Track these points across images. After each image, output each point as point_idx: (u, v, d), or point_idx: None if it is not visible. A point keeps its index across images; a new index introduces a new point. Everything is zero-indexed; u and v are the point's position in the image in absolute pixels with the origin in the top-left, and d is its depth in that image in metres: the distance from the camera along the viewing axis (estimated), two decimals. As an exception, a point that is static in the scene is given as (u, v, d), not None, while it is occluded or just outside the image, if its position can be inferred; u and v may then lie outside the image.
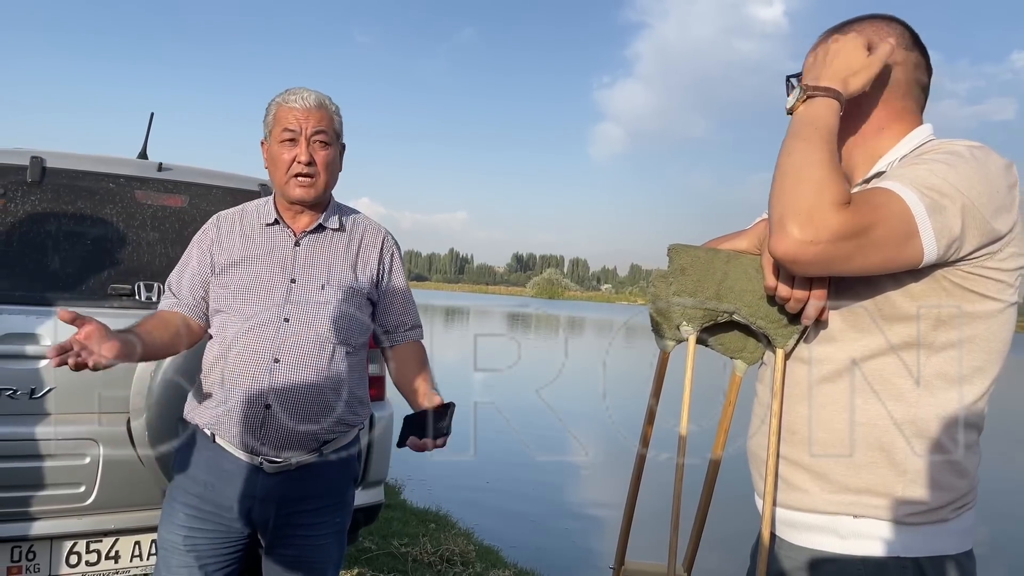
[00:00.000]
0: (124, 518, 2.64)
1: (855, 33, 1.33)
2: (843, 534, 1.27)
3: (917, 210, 1.15)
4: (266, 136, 2.07)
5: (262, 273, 2.03)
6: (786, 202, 1.16)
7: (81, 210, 2.82)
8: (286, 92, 2.07)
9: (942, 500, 1.24)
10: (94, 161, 2.92)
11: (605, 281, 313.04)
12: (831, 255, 1.14)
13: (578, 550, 5.55)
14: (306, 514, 2.06)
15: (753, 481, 1.42)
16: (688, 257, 1.39)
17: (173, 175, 3.06)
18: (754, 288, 1.34)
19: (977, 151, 1.22)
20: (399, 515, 5.14)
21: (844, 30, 1.37)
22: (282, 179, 2.02)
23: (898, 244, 1.15)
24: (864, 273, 1.20)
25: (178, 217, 2.99)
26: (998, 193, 1.19)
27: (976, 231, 1.18)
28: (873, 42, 1.31)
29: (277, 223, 2.08)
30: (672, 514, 1.40)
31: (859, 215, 1.14)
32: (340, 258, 2.09)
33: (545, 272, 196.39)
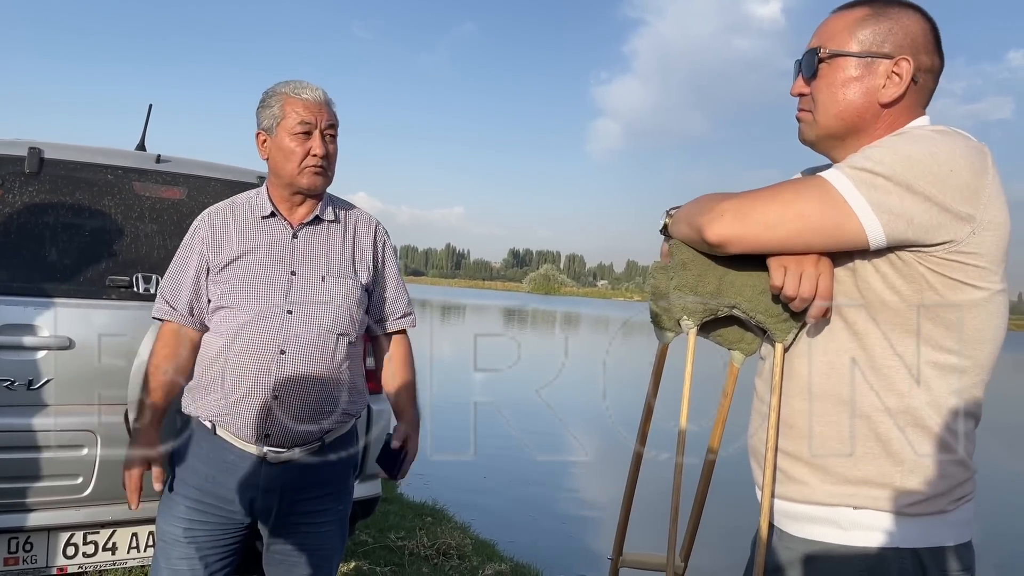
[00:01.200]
0: (121, 510, 2.63)
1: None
2: (843, 525, 1.28)
3: (846, 190, 1.20)
4: (270, 127, 2.03)
5: (262, 267, 2.02)
6: (731, 200, 1.29)
7: (79, 201, 2.81)
8: (289, 84, 2.05)
9: (940, 489, 1.24)
10: (92, 152, 2.91)
11: (601, 277, 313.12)
12: (760, 240, 1.25)
13: (574, 544, 5.57)
14: (309, 502, 2.08)
15: (753, 474, 1.43)
16: (689, 252, 1.39)
17: (171, 167, 3.05)
18: (754, 283, 1.34)
19: (935, 134, 1.23)
20: (396, 508, 5.15)
21: (877, 14, 1.32)
22: (294, 170, 2.01)
23: (835, 225, 1.21)
24: (807, 250, 1.25)
25: (176, 209, 2.99)
26: (952, 174, 1.17)
27: (930, 212, 1.17)
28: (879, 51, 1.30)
29: (274, 215, 2.07)
30: (671, 505, 1.41)
31: (787, 204, 1.24)
32: (338, 249, 2.10)
33: (542, 268, 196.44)
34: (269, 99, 2.05)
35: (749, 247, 1.27)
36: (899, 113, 1.32)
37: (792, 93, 1.42)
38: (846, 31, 1.33)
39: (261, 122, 2.06)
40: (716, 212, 1.28)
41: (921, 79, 1.31)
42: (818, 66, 1.35)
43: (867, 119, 1.32)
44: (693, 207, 1.37)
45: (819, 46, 1.35)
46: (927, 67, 1.32)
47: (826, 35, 1.36)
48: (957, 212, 1.18)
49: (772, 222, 1.24)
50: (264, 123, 2.05)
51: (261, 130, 2.06)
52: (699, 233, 1.31)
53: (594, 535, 5.80)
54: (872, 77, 1.30)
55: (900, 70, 1.29)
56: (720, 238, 1.27)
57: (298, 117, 1.99)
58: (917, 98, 1.33)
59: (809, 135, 1.39)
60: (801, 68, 1.39)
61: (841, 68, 1.32)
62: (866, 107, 1.31)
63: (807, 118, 1.39)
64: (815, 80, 1.36)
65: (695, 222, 1.33)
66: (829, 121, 1.35)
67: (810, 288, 1.25)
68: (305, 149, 2.00)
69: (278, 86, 2.06)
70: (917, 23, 1.31)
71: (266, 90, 2.08)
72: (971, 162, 1.19)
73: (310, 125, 2.00)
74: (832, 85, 1.33)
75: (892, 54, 1.29)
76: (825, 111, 1.35)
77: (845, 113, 1.33)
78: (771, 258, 1.29)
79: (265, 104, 2.05)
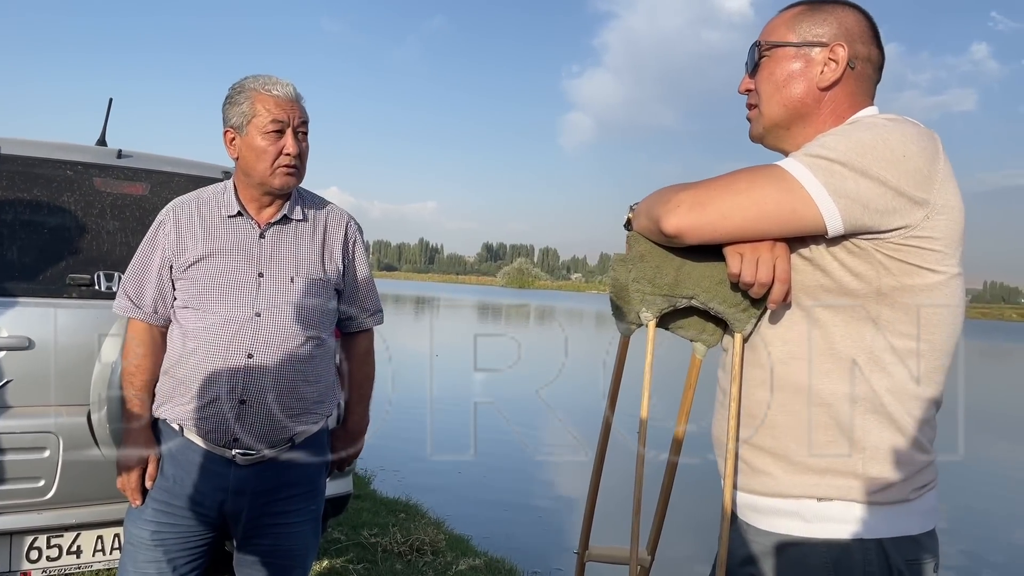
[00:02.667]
0: (86, 512, 2.59)
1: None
2: (807, 518, 1.28)
3: (803, 176, 1.22)
4: (239, 125, 1.96)
5: (229, 268, 1.98)
6: (686, 190, 1.29)
7: (38, 198, 2.75)
8: (258, 80, 1.98)
9: (902, 475, 1.26)
10: (51, 148, 2.85)
11: (575, 270, 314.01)
12: (716, 229, 1.26)
13: (549, 537, 5.58)
14: (280, 502, 2.05)
15: (718, 466, 1.43)
16: (647, 244, 1.39)
17: (133, 162, 3.00)
18: (712, 273, 1.34)
19: (887, 121, 1.26)
20: (368, 505, 5.12)
21: (813, 9, 1.38)
22: (266, 170, 1.96)
23: (792, 212, 1.22)
24: (763, 238, 1.27)
25: (139, 205, 2.94)
26: (906, 159, 1.20)
27: (885, 196, 1.19)
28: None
29: (240, 215, 2.03)
30: (634, 498, 1.41)
31: (742, 193, 1.25)
32: (306, 249, 2.06)
33: (515, 261, 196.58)
34: (237, 95, 1.97)
35: (706, 237, 1.28)
36: (841, 99, 1.35)
37: (739, 90, 1.47)
38: (784, 26, 1.40)
39: (229, 119, 1.98)
40: (672, 203, 1.29)
41: (859, 66, 1.35)
42: (760, 60, 1.41)
43: (809, 104, 1.36)
44: (651, 199, 1.38)
45: (760, 41, 1.41)
46: (864, 56, 1.36)
47: (767, 32, 1.42)
48: (911, 196, 1.20)
49: (728, 211, 1.25)
50: (233, 120, 1.98)
51: (229, 128, 1.99)
52: (656, 224, 1.32)
53: (571, 528, 5.81)
54: (810, 64, 1.36)
55: (836, 56, 1.34)
56: (676, 229, 1.28)
57: (270, 115, 1.94)
58: (858, 86, 1.36)
59: (757, 129, 1.44)
60: (746, 67, 1.45)
61: (781, 59, 1.38)
62: (807, 92, 1.36)
63: (754, 114, 1.44)
64: (758, 73, 1.41)
65: (652, 213, 1.34)
66: (773, 110, 1.39)
67: (767, 273, 1.26)
68: (278, 148, 1.94)
69: (247, 81, 1.99)
70: (851, 15, 1.37)
71: (233, 85, 2.01)
72: (923, 147, 1.22)
73: (282, 123, 1.94)
74: (773, 75, 1.39)
75: (827, 42, 1.35)
76: (768, 100, 1.39)
77: (787, 100, 1.37)
78: (727, 247, 1.30)
79: (233, 101, 1.98)
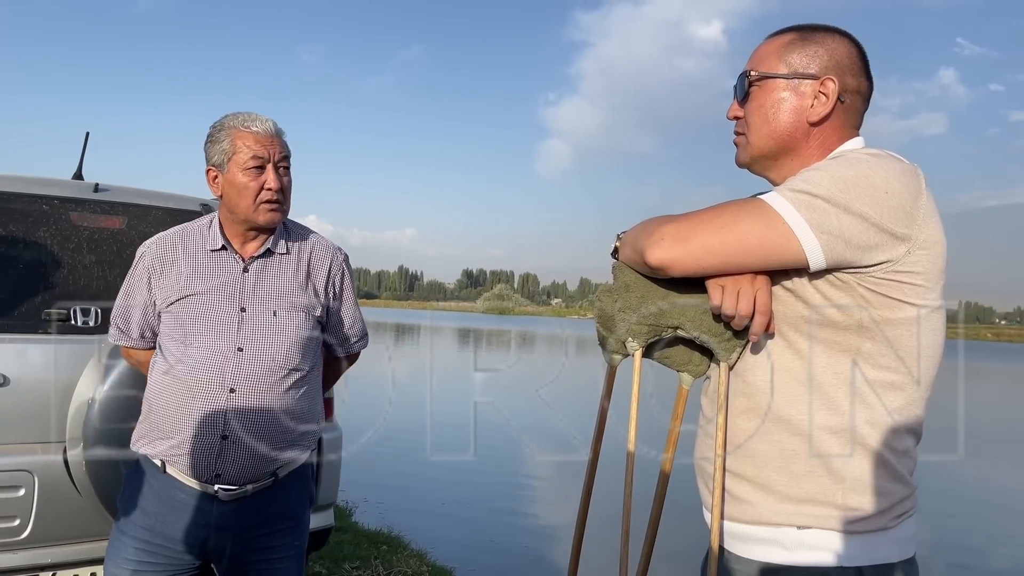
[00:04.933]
0: (62, 551, 2.54)
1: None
2: (788, 545, 1.28)
3: (786, 211, 1.22)
4: (221, 163, 1.97)
5: (211, 303, 1.97)
6: (671, 223, 1.29)
7: (13, 233, 2.72)
8: (238, 117, 1.99)
9: (881, 506, 1.26)
10: (26, 182, 2.83)
11: (555, 295, 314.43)
12: (699, 263, 1.27)
13: (534, 567, 5.53)
14: (263, 538, 2.02)
15: (701, 495, 1.43)
16: (632, 275, 1.40)
17: (110, 196, 2.98)
18: (697, 303, 1.35)
19: (870, 157, 1.26)
20: (350, 538, 5.05)
21: (804, 39, 1.36)
22: (249, 207, 1.96)
23: (774, 247, 1.23)
24: (746, 271, 1.27)
25: (116, 239, 2.91)
26: (888, 195, 1.20)
27: (868, 232, 1.20)
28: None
29: (225, 249, 2.02)
30: (622, 528, 1.41)
31: (726, 227, 1.25)
32: (289, 282, 2.05)
33: (496, 288, 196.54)
34: (218, 134, 1.98)
35: (689, 271, 1.29)
36: (829, 132, 1.36)
37: (728, 116, 1.47)
38: (774, 55, 1.38)
39: (211, 158, 1.99)
40: (656, 236, 1.29)
41: (848, 99, 1.35)
42: (749, 89, 1.40)
43: (798, 138, 1.36)
44: (637, 230, 1.38)
45: (750, 70, 1.40)
46: (853, 88, 1.36)
47: (757, 59, 1.41)
48: (893, 232, 1.21)
49: (711, 246, 1.26)
50: (214, 159, 1.98)
51: (212, 166, 1.99)
52: (641, 256, 1.32)
53: (555, 559, 5.76)
54: (800, 97, 1.35)
55: (826, 90, 1.33)
56: (660, 262, 1.29)
57: (250, 152, 1.94)
58: (847, 118, 1.37)
59: (744, 157, 1.44)
60: (735, 92, 1.44)
61: (770, 90, 1.37)
62: (795, 126, 1.35)
63: (741, 141, 1.44)
64: (747, 103, 1.41)
65: (637, 245, 1.34)
66: (761, 141, 1.39)
67: (747, 306, 1.27)
68: (259, 183, 1.94)
69: (226, 119, 1.99)
70: (843, 46, 1.36)
71: (213, 124, 2.01)
72: (906, 184, 1.23)
73: (263, 159, 1.95)
74: (762, 107, 1.38)
75: (818, 75, 1.34)
76: (757, 131, 1.39)
77: (775, 133, 1.37)
78: (709, 280, 1.31)
79: (214, 139, 1.99)
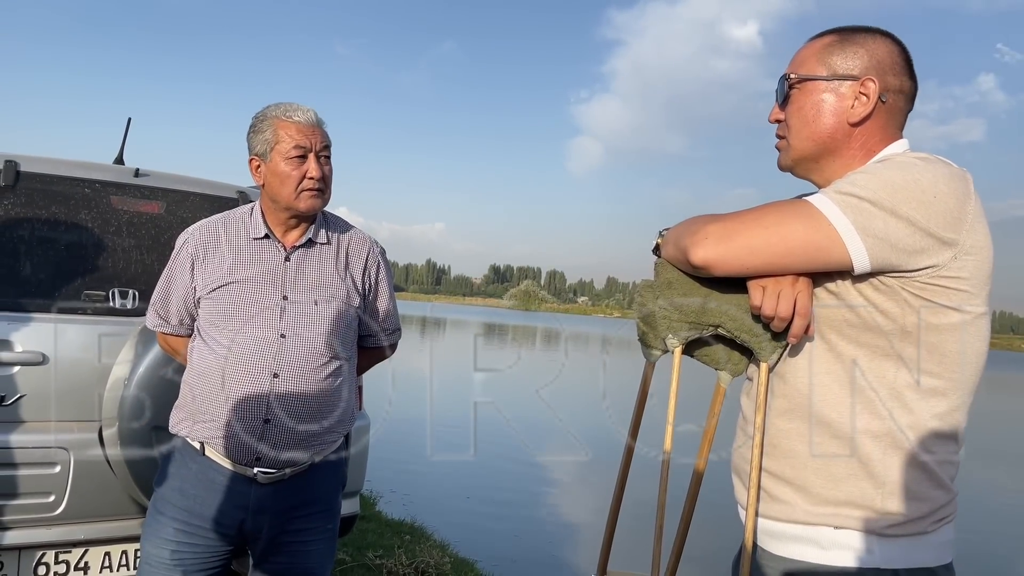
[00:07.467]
0: (94, 528, 2.59)
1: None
2: (823, 545, 1.27)
3: (832, 214, 1.21)
4: (263, 153, 2.01)
5: (255, 291, 2.01)
6: (715, 223, 1.29)
7: (55, 215, 2.77)
8: (280, 107, 2.03)
9: (921, 511, 1.25)
10: (69, 166, 2.87)
11: (582, 293, 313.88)
12: (743, 263, 1.26)
13: (556, 562, 5.53)
14: (298, 520, 2.06)
15: (736, 493, 1.43)
16: (675, 272, 1.40)
17: (150, 181, 3.02)
18: (738, 303, 1.34)
19: (919, 161, 1.24)
20: (374, 527, 5.10)
21: (844, 40, 1.36)
22: (291, 195, 1.99)
23: (819, 249, 1.22)
24: (790, 272, 1.26)
25: (154, 224, 2.95)
26: (936, 200, 1.19)
27: (914, 237, 1.18)
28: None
29: (267, 237, 2.06)
30: (656, 524, 1.40)
31: (771, 228, 1.24)
32: (330, 272, 2.09)
33: (522, 284, 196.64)
34: (260, 124, 2.02)
35: (732, 270, 1.28)
36: (872, 133, 1.34)
37: (769, 120, 1.46)
38: (814, 57, 1.38)
39: (254, 147, 2.03)
40: (700, 235, 1.29)
41: (890, 99, 1.33)
42: (789, 92, 1.39)
43: (839, 139, 1.35)
44: (681, 228, 1.38)
45: (789, 73, 1.39)
46: (895, 88, 1.34)
47: (797, 62, 1.40)
48: (940, 237, 1.19)
49: (756, 246, 1.25)
50: (257, 148, 2.02)
51: (255, 155, 2.03)
52: (684, 255, 1.32)
53: (576, 551, 5.76)
54: (840, 99, 1.34)
55: (866, 90, 1.32)
56: (704, 261, 1.28)
57: (292, 141, 1.98)
58: (889, 119, 1.35)
59: (786, 160, 1.43)
60: (776, 96, 1.43)
61: (810, 92, 1.36)
62: (836, 127, 1.34)
63: (783, 145, 1.43)
64: (788, 106, 1.40)
65: (681, 244, 1.34)
66: (802, 144, 1.38)
67: (787, 308, 1.25)
68: (301, 172, 1.98)
69: (268, 110, 2.04)
70: (884, 46, 1.35)
71: (256, 114, 2.06)
72: (954, 188, 1.21)
73: (304, 148, 1.98)
74: (803, 109, 1.37)
75: (858, 75, 1.33)
76: (797, 134, 1.38)
77: (816, 135, 1.36)
78: (750, 281, 1.30)
79: (256, 129, 2.03)
